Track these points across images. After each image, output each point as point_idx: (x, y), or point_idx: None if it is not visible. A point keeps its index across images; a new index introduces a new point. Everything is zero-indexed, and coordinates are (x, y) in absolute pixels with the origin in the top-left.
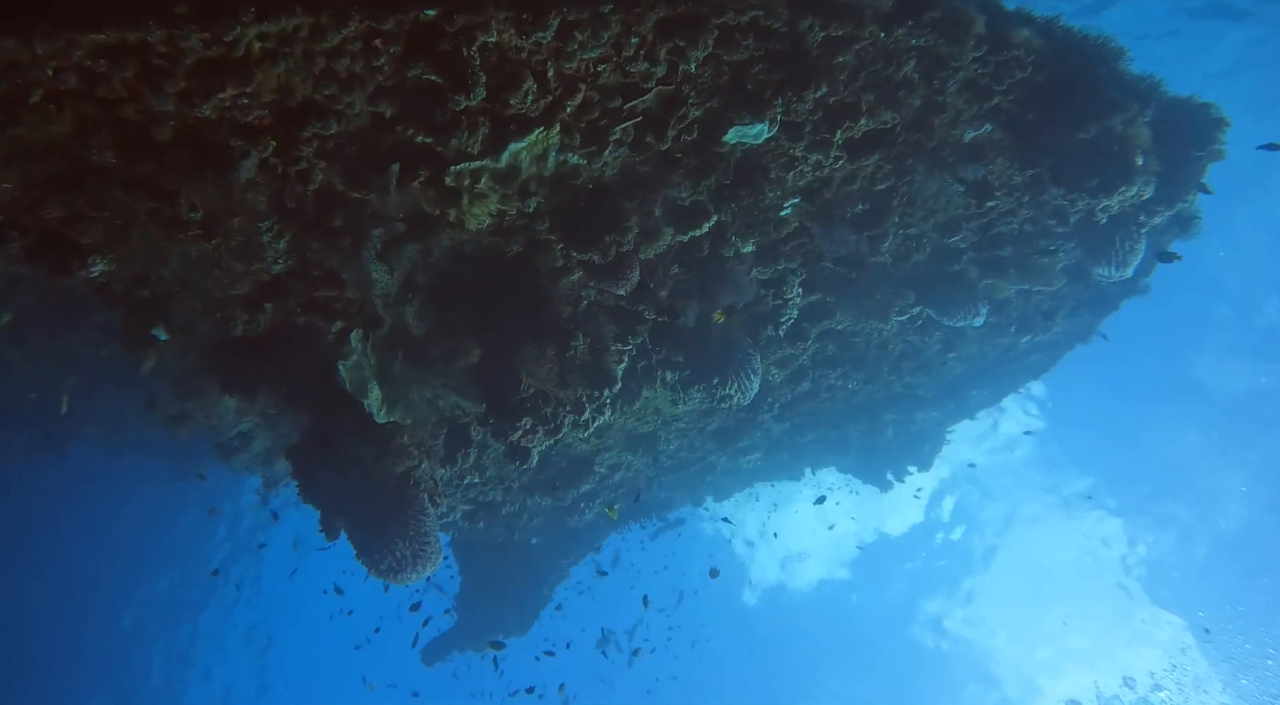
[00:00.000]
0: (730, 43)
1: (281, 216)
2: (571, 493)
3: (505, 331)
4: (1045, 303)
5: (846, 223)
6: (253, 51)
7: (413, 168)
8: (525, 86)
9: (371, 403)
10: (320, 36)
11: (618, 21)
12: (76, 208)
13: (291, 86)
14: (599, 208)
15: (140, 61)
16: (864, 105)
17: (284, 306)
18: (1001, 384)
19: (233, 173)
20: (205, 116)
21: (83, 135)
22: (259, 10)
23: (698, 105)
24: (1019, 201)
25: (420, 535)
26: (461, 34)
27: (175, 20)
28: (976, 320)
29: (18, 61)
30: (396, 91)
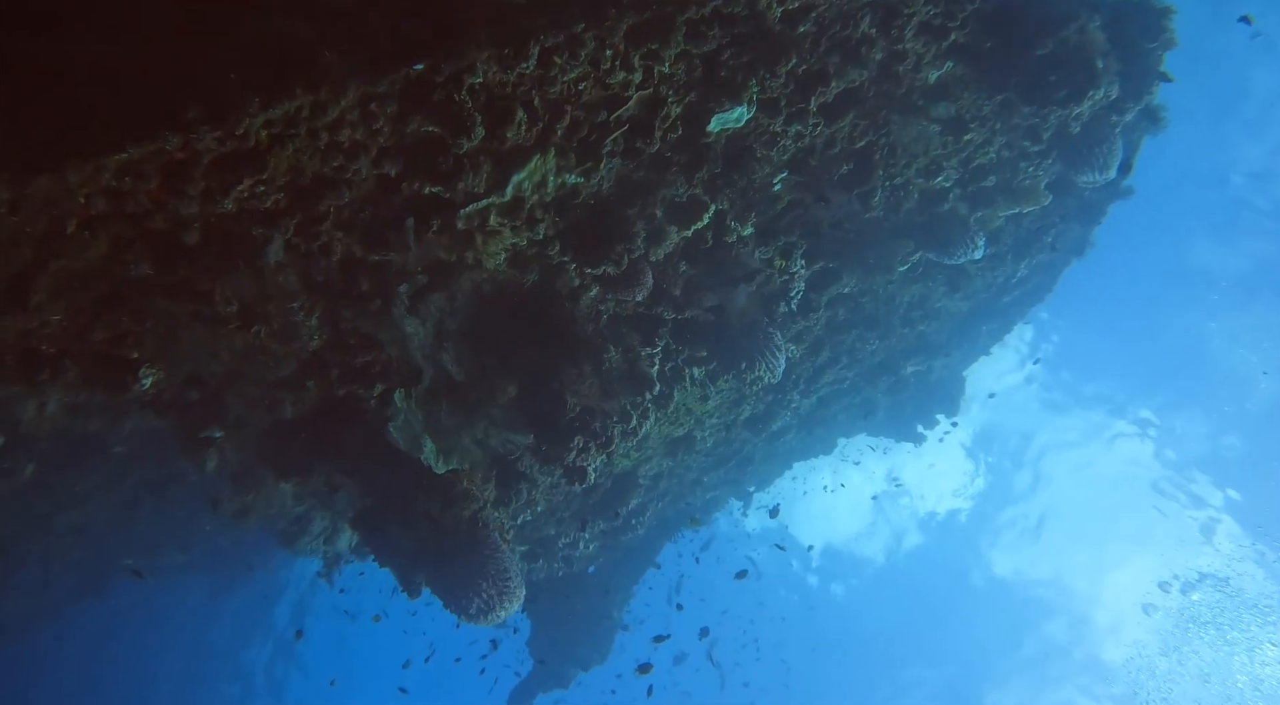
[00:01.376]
0: (698, 36)
1: (310, 292)
2: (622, 510)
3: (538, 359)
4: (1035, 224)
5: (836, 185)
6: (262, 139)
7: (426, 219)
8: (518, 118)
9: (428, 456)
10: (321, 112)
11: (592, 38)
12: (121, 325)
13: (301, 165)
14: (604, 221)
15: (161, 171)
16: (831, 68)
17: (325, 381)
18: (1009, 314)
19: (261, 260)
20: (227, 211)
21: (118, 253)
22: (263, 99)
23: (678, 102)
24: (993, 130)
25: (501, 573)
26: (451, 81)
27: (189, 125)
28: (976, 253)
29: (53, 196)
30: (398, 150)
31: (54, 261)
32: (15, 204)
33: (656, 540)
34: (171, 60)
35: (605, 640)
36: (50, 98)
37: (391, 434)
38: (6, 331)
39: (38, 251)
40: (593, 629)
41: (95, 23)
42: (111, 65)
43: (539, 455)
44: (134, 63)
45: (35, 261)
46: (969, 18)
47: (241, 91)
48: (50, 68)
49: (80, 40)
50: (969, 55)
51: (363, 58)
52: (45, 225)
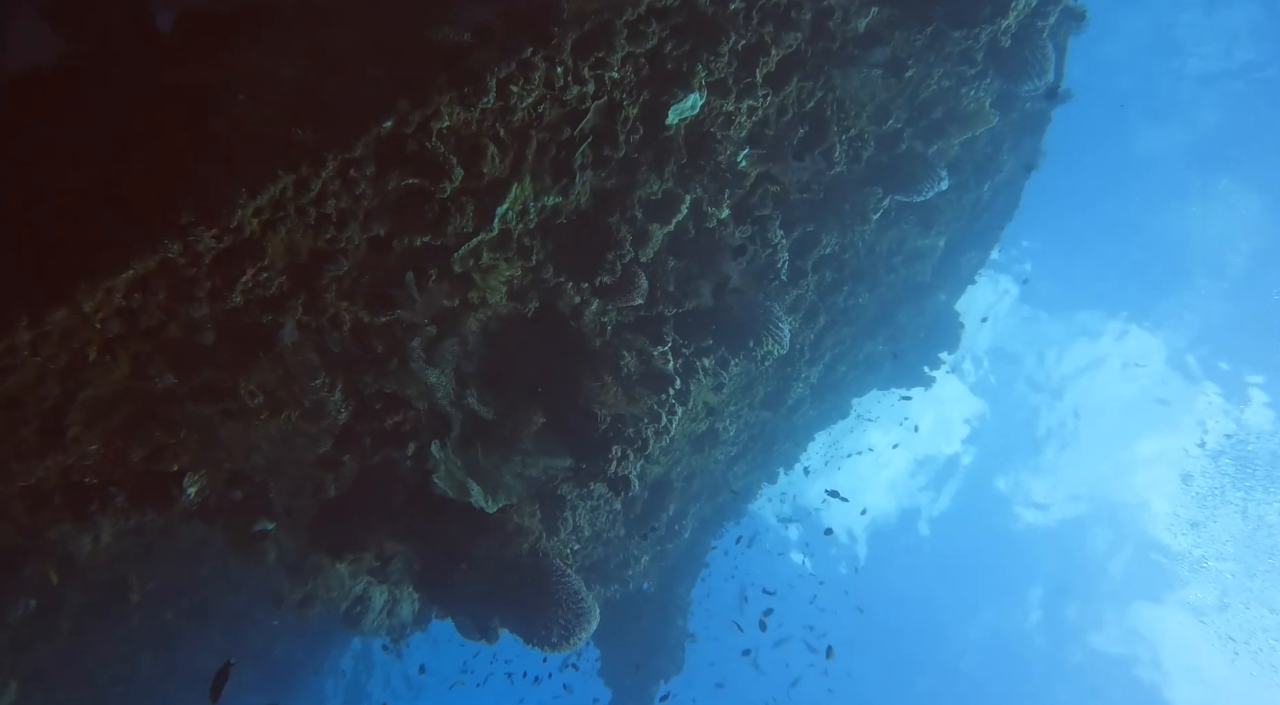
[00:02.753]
0: (639, 35)
1: (330, 367)
2: (663, 516)
3: (558, 382)
4: (989, 145)
5: (796, 150)
6: (255, 227)
7: (423, 269)
8: (489, 152)
9: (477, 498)
10: (305, 188)
11: (541, 59)
12: (156, 440)
13: (296, 244)
14: (589, 234)
15: (168, 280)
16: (768, 38)
17: (359, 452)
18: (984, 239)
19: (277, 345)
20: (236, 305)
21: (141, 370)
22: (249, 188)
23: (633, 103)
24: (929, 63)
25: (573, 597)
26: (420, 131)
27: (185, 229)
28: (942, 185)
29: (70, 327)
30: (384, 208)
31: (82, 392)
32: (36, 343)
33: (702, 541)
34: (153, 172)
35: (677, 649)
36: (45, 234)
37: (437, 485)
38: (49, 471)
39: (64, 385)
40: (662, 641)
41: (68, 152)
42: (96, 189)
43: (580, 474)
44: (117, 182)
45: (64, 396)
46: None
47: (227, 186)
48: (36, 205)
49: (60, 171)
50: None
51: (332, 127)
52: (67, 358)
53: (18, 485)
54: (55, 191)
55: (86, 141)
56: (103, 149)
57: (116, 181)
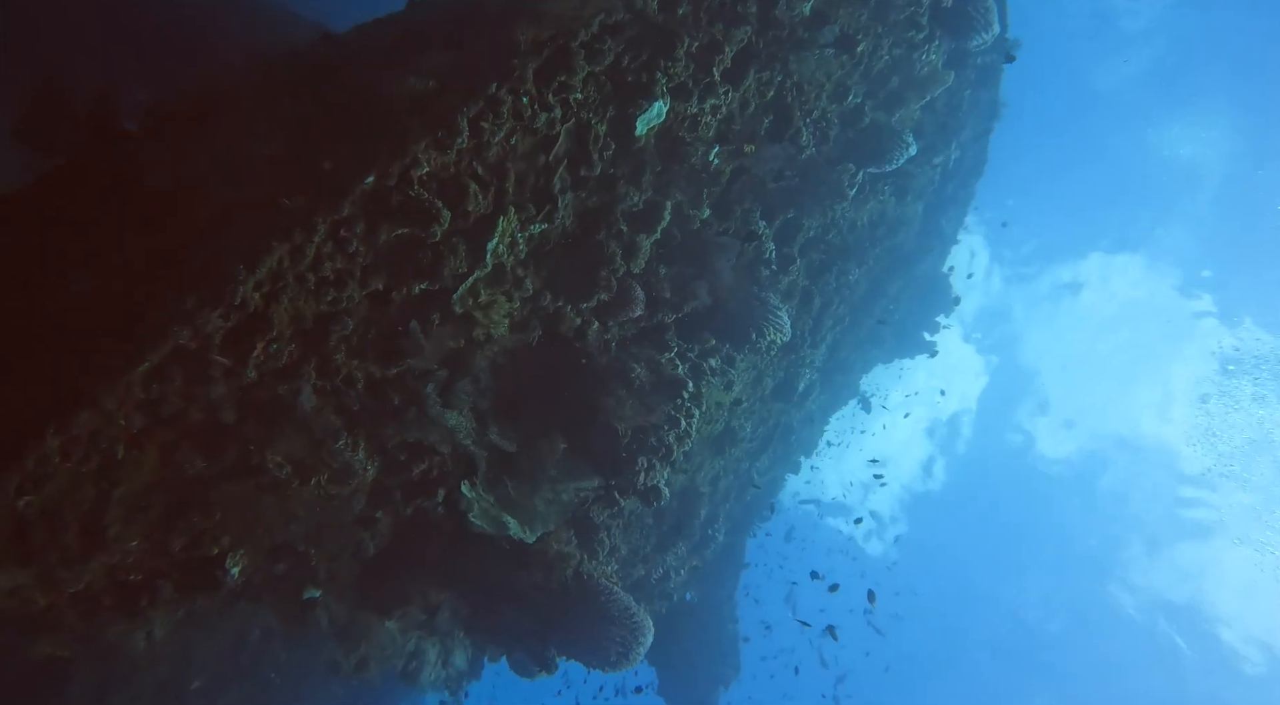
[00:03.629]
0: (595, 54)
1: (350, 426)
2: (696, 523)
3: (573, 405)
4: (948, 105)
5: (765, 139)
6: (258, 301)
7: (426, 316)
8: (471, 191)
9: (515, 531)
10: (300, 255)
11: (507, 93)
12: (195, 526)
13: (301, 311)
14: (580, 255)
15: (182, 364)
16: (719, 36)
17: (391, 506)
18: (959, 198)
19: (297, 412)
20: (252, 380)
21: (170, 459)
22: (246, 263)
23: (601, 120)
24: (877, 33)
25: (624, 613)
26: (402, 181)
27: (192, 313)
28: (910, 150)
29: (96, 428)
30: (379, 263)
31: (116, 490)
32: (65, 449)
33: (738, 542)
34: (150, 266)
35: (731, 653)
36: (55, 344)
37: (473, 524)
38: (96, 574)
39: (98, 486)
40: (715, 647)
41: (64, 259)
42: (98, 292)
43: (610, 492)
44: (117, 281)
45: (100, 497)
46: None
47: (226, 264)
48: (45, 313)
49: (60, 279)
50: None
51: (316, 191)
52: (98, 459)
53: (67, 593)
54: (59, 301)
55: (80, 246)
56: (97, 252)
57: (116, 281)
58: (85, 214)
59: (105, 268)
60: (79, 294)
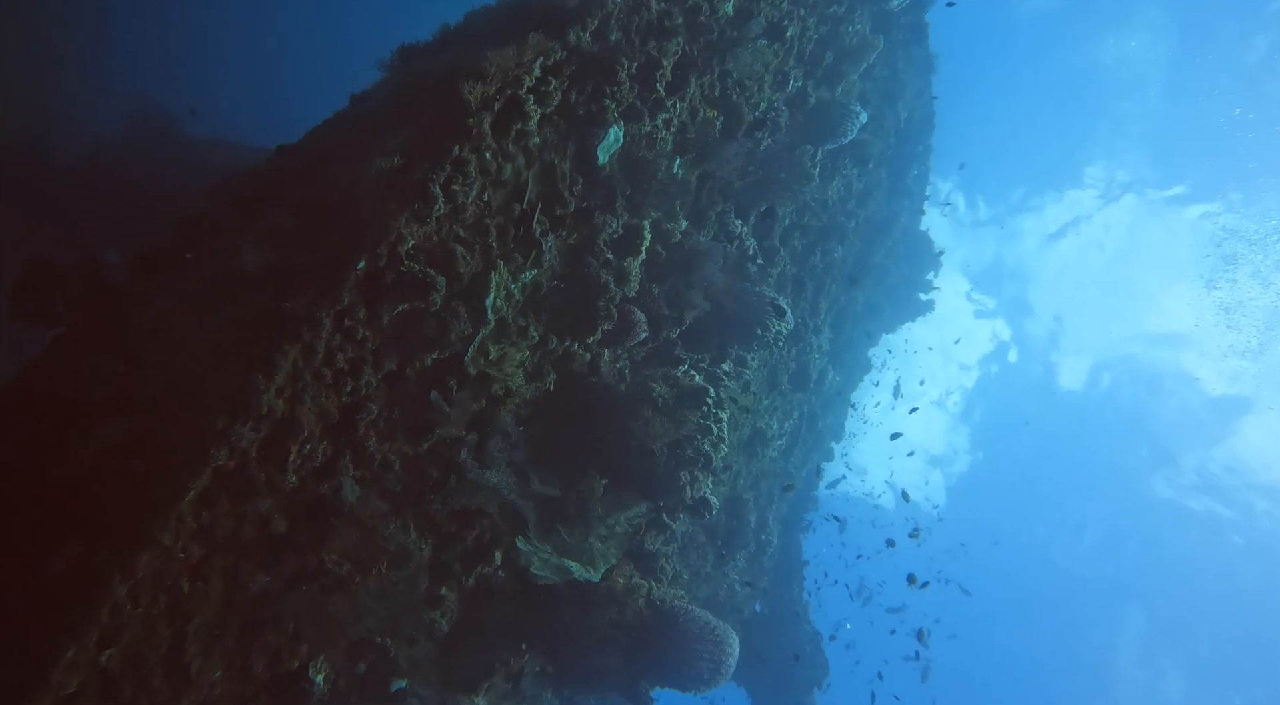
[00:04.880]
0: (543, 96)
1: (397, 508)
2: (748, 532)
3: (603, 439)
4: (885, 68)
5: (721, 141)
6: (282, 407)
7: (444, 384)
8: (458, 253)
9: (578, 574)
10: (312, 353)
11: (469, 151)
12: (271, 643)
13: (325, 407)
14: (575, 292)
15: (225, 486)
16: (654, 52)
17: (454, 580)
18: (919, 155)
19: (343, 506)
20: (294, 484)
21: (233, 581)
22: (264, 372)
23: (563, 158)
24: (801, 16)
25: (706, 629)
26: (390, 257)
27: (224, 433)
28: (861, 118)
29: (158, 567)
30: (387, 343)
31: (189, 625)
32: (134, 595)
33: (793, 541)
34: (174, 400)
35: (816, 651)
36: (101, 497)
37: (537, 576)
38: None
39: (171, 623)
40: (797, 651)
41: (92, 416)
42: (130, 438)
43: (658, 515)
44: (145, 423)
45: (175, 635)
46: None
47: (244, 379)
48: (83, 469)
49: (91, 434)
50: None
51: (314, 288)
52: (166, 598)
53: None
54: (93, 455)
55: (99, 401)
56: (117, 402)
57: (143, 423)
58: (97, 371)
59: (129, 415)
60: (111, 444)
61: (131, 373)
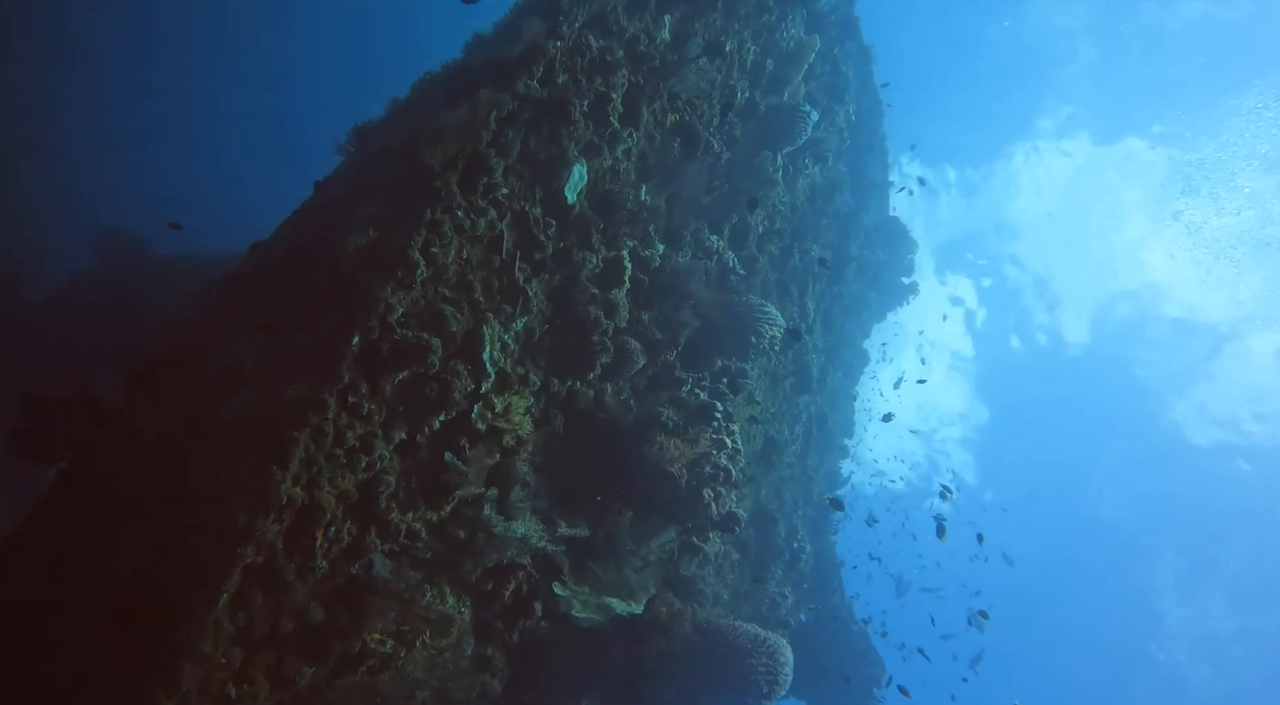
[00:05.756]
0: (502, 147)
1: (429, 576)
2: (779, 542)
3: (621, 471)
4: (825, 65)
5: (680, 162)
6: (300, 495)
7: (455, 444)
8: (448, 313)
9: (620, 609)
10: (322, 436)
11: (440, 211)
12: None
13: (343, 487)
14: (567, 332)
15: (257, 582)
16: (602, 87)
17: (498, 639)
18: (874, 144)
19: (377, 583)
20: (324, 570)
21: (279, 679)
22: (278, 461)
23: (533, 203)
24: (735, 30)
25: (756, 643)
26: (382, 328)
27: (249, 529)
28: (813, 116)
29: (200, 673)
30: (394, 413)
31: None
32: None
33: (825, 544)
34: (191, 504)
35: (869, 651)
36: (133, 616)
37: (580, 619)
38: None
39: None
40: (851, 653)
41: (118, 533)
42: (153, 549)
43: (688, 538)
44: (168, 532)
45: None
46: None
47: (259, 471)
48: (114, 589)
49: (116, 553)
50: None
51: (313, 371)
52: (213, 701)
53: None
54: (120, 573)
55: (119, 519)
56: (136, 519)
57: (166, 535)
58: (110, 494)
59: (149, 529)
60: (135, 562)
61: (144, 487)
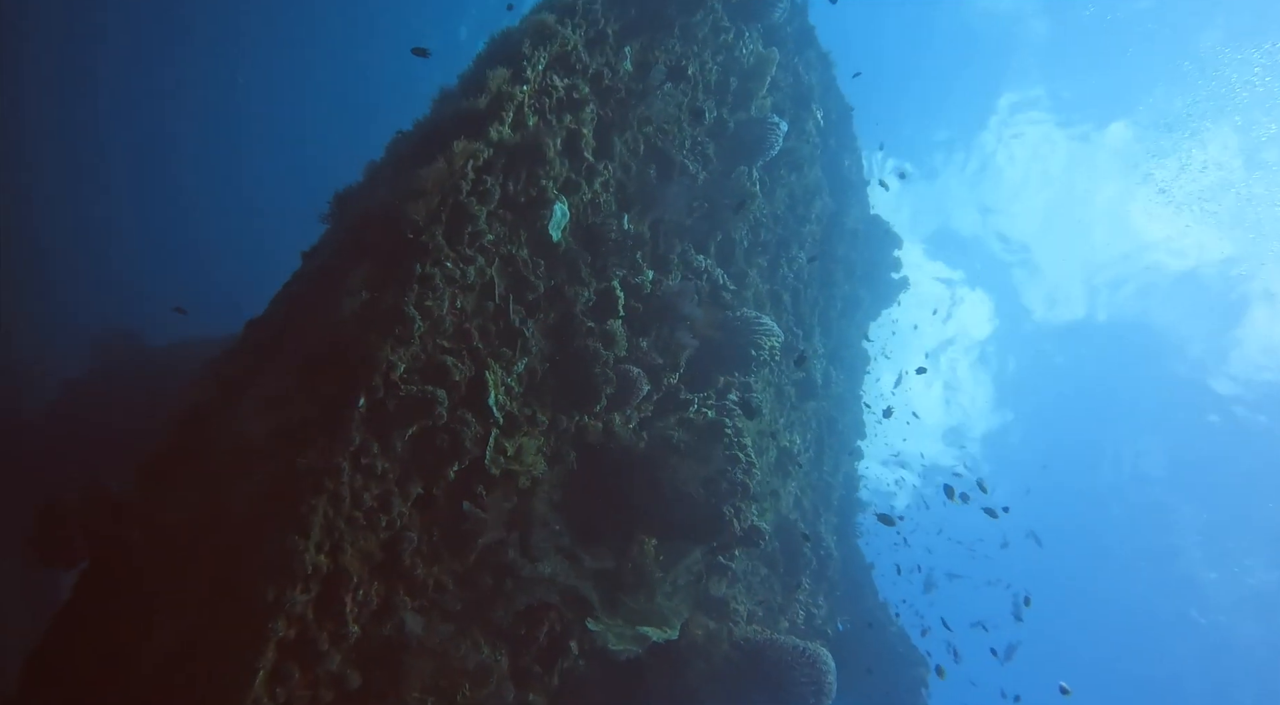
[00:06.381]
0: (482, 195)
1: (463, 627)
2: (804, 550)
3: (638, 500)
4: (788, 76)
5: (658, 187)
6: (324, 562)
7: (471, 492)
8: (449, 363)
9: (657, 637)
10: (339, 500)
11: (430, 264)
12: None
13: (366, 549)
14: (569, 368)
15: (292, 656)
16: (572, 123)
17: (538, 683)
18: (845, 145)
19: (411, 640)
20: (357, 633)
21: None
22: (298, 529)
23: (519, 246)
24: (696, 53)
25: (797, 654)
26: (387, 386)
27: (277, 604)
28: (782, 127)
29: None
30: (407, 469)
31: None
32: None
33: (852, 547)
34: (222, 581)
35: (911, 650)
36: (172, 693)
37: (617, 651)
38: None
39: None
40: (892, 654)
41: (152, 624)
42: (187, 634)
43: (714, 556)
44: (199, 616)
45: None
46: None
47: (281, 543)
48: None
49: (154, 641)
50: (626, 29)
51: (323, 437)
52: None
53: None
54: (153, 666)
55: (147, 616)
56: (165, 610)
57: (196, 619)
58: (135, 589)
59: (178, 618)
60: (167, 652)
61: (169, 577)
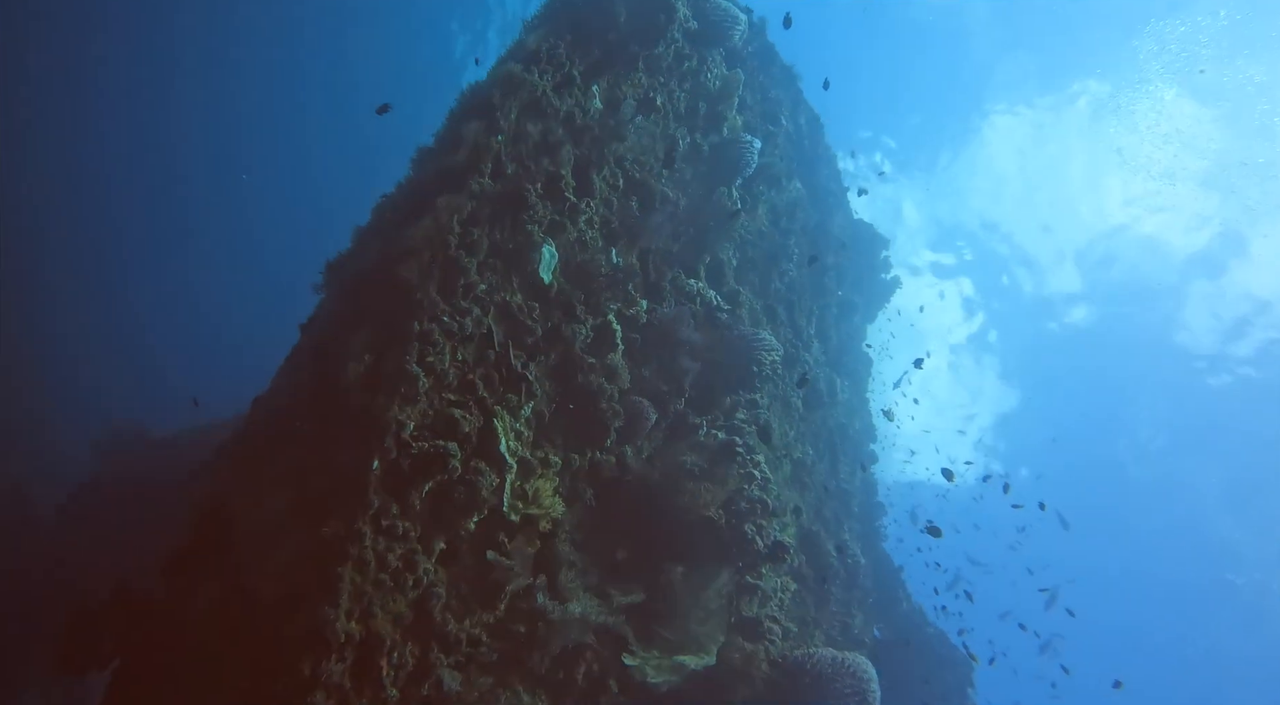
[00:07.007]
0: (471, 247)
1: (501, 677)
2: (832, 562)
3: (659, 530)
4: (755, 94)
5: (643, 216)
6: (356, 629)
7: (495, 542)
8: (458, 415)
9: (694, 665)
10: (365, 566)
11: (427, 321)
12: None
13: (395, 611)
14: (575, 407)
15: None
16: (551, 166)
17: None
18: (820, 155)
19: (449, 699)
20: (395, 698)
21: None
22: (327, 600)
23: (513, 292)
24: (662, 84)
25: (837, 666)
26: (399, 446)
27: (313, 678)
28: (756, 145)
29: None
30: (429, 526)
31: None
32: None
33: (879, 552)
34: (257, 661)
35: (952, 651)
36: None
37: (656, 684)
38: None
39: None
40: (933, 658)
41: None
42: None
43: (742, 576)
44: (239, 698)
45: None
46: (573, 54)
47: (313, 614)
48: None
49: None
50: (593, 67)
51: (343, 504)
52: None
53: None
54: None
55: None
56: (202, 696)
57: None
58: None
59: None
60: None
61: (202, 667)
